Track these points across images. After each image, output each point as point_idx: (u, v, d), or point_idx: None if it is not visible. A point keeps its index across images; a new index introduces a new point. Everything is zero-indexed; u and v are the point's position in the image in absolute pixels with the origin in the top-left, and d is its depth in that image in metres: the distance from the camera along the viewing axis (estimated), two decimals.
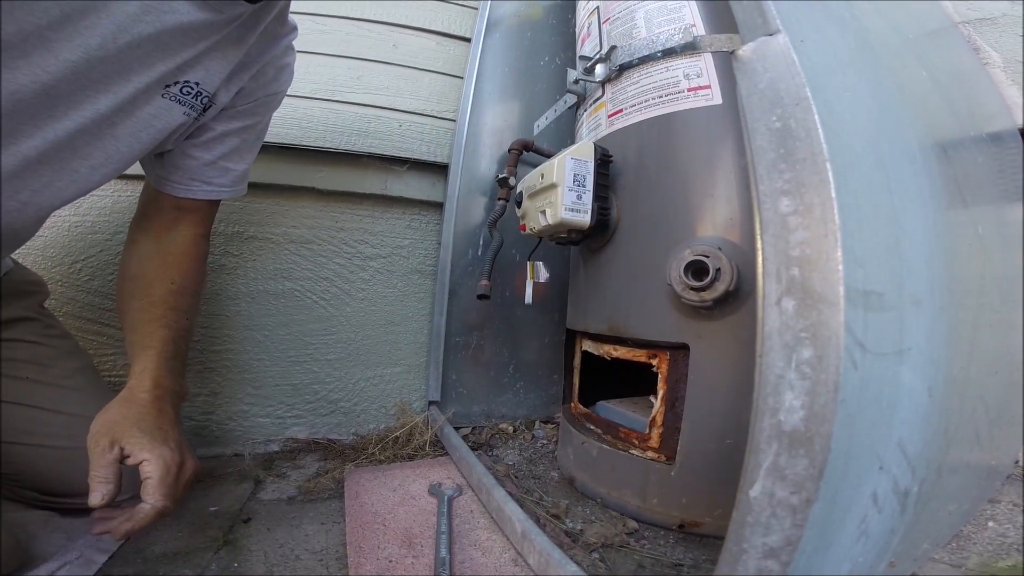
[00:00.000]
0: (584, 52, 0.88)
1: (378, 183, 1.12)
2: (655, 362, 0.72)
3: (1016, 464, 0.76)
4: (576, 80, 0.86)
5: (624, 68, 0.77)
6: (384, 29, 1.12)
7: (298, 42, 0.77)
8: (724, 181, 0.66)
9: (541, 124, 1.04)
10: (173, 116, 0.62)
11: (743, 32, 0.42)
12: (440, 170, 1.17)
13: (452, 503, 0.77)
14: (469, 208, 1.15)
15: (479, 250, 1.15)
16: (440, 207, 1.18)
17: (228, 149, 0.73)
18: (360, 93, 1.09)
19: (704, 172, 0.68)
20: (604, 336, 0.81)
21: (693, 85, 0.70)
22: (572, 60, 1.08)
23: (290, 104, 0.84)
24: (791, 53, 0.38)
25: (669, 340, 0.69)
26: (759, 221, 0.36)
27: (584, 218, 0.73)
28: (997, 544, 0.62)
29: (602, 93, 0.82)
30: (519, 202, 0.87)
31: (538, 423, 1.17)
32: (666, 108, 0.72)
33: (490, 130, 1.17)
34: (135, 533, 0.56)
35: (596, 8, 0.86)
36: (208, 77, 0.63)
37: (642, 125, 0.75)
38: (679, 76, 0.71)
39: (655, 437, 0.71)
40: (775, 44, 0.39)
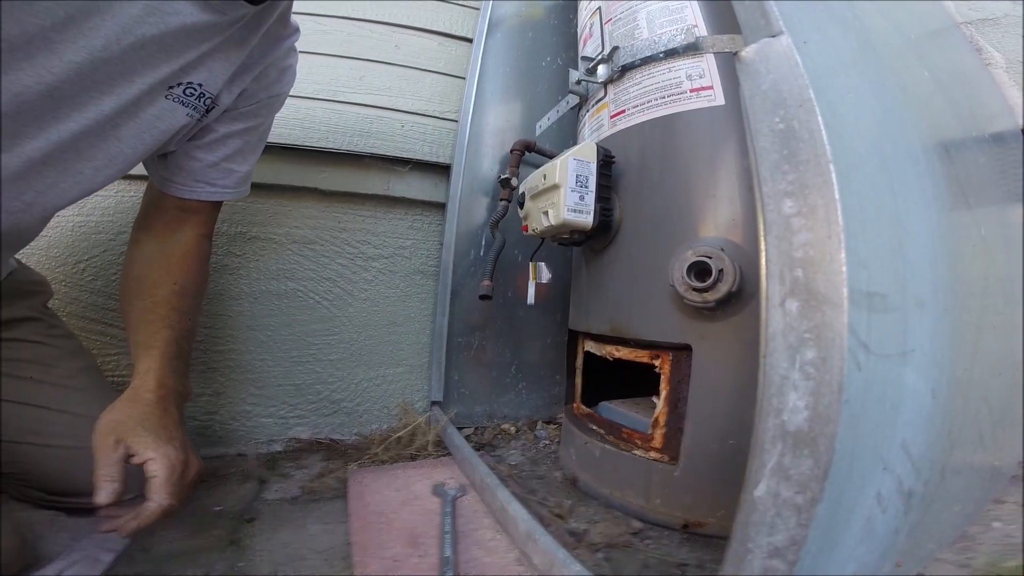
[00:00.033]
0: (586, 53, 0.88)
1: (380, 184, 1.12)
2: (658, 363, 0.72)
3: (1020, 465, 0.76)
4: (578, 81, 0.86)
5: (626, 69, 0.77)
6: (386, 29, 1.12)
7: (300, 42, 0.77)
8: (726, 182, 0.66)
9: (543, 125, 1.04)
10: (176, 117, 0.63)
11: (746, 33, 0.42)
12: (442, 171, 1.17)
13: (456, 503, 0.77)
14: (471, 209, 1.15)
15: (481, 251, 1.16)
16: (442, 208, 1.18)
17: (231, 151, 0.73)
18: (362, 93, 1.09)
19: (707, 173, 0.68)
20: (606, 337, 0.81)
21: (695, 86, 0.70)
22: (573, 60, 1.08)
23: (292, 104, 0.84)
24: (794, 54, 0.38)
25: (672, 341, 0.69)
26: (762, 222, 0.36)
27: (587, 219, 0.73)
28: (1003, 544, 0.62)
29: (604, 94, 0.82)
30: (521, 203, 0.87)
31: (540, 423, 1.17)
32: (669, 109, 0.72)
33: (492, 131, 1.17)
34: (141, 531, 0.57)
35: (598, 8, 0.86)
36: (211, 78, 0.63)
37: (645, 126, 0.75)
38: (681, 77, 0.71)
39: (658, 438, 0.71)
40: (778, 45, 0.39)
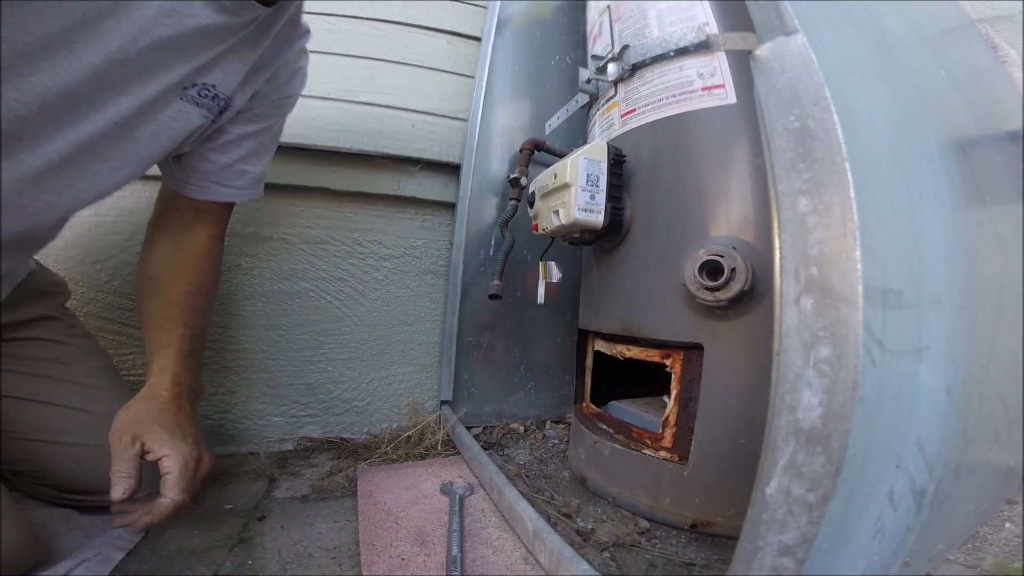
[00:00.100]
0: (596, 51, 0.88)
1: (391, 183, 1.12)
2: (668, 362, 0.72)
3: None
4: (588, 79, 0.86)
5: (637, 67, 0.77)
6: (395, 29, 1.13)
7: (311, 42, 0.77)
8: (738, 180, 0.66)
9: (553, 124, 1.04)
10: (191, 118, 0.63)
11: (760, 32, 0.41)
12: (452, 170, 1.17)
13: (464, 502, 0.77)
14: (481, 208, 1.15)
15: (491, 250, 1.16)
16: (452, 207, 1.18)
17: (245, 152, 0.74)
18: (373, 93, 1.10)
19: (718, 171, 0.68)
20: (617, 336, 0.81)
21: (707, 84, 0.70)
22: (582, 59, 1.08)
23: (304, 104, 0.85)
24: (809, 53, 0.38)
25: (683, 340, 0.69)
26: (777, 220, 0.36)
27: (597, 218, 0.73)
28: (1013, 545, 0.61)
29: (615, 92, 0.82)
30: (531, 202, 0.87)
31: (549, 423, 1.17)
32: (680, 107, 0.72)
33: (501, 130, 1.18)
34: (154, 526, 0.58)
35: (607, 7, 0.86)
36: (225, 79, 0.64)
37: (656, 124, 0.75)
38: (693, 75, 0.71)
39: (668, 437, 0.71)
40: (793, 44, 0.39)
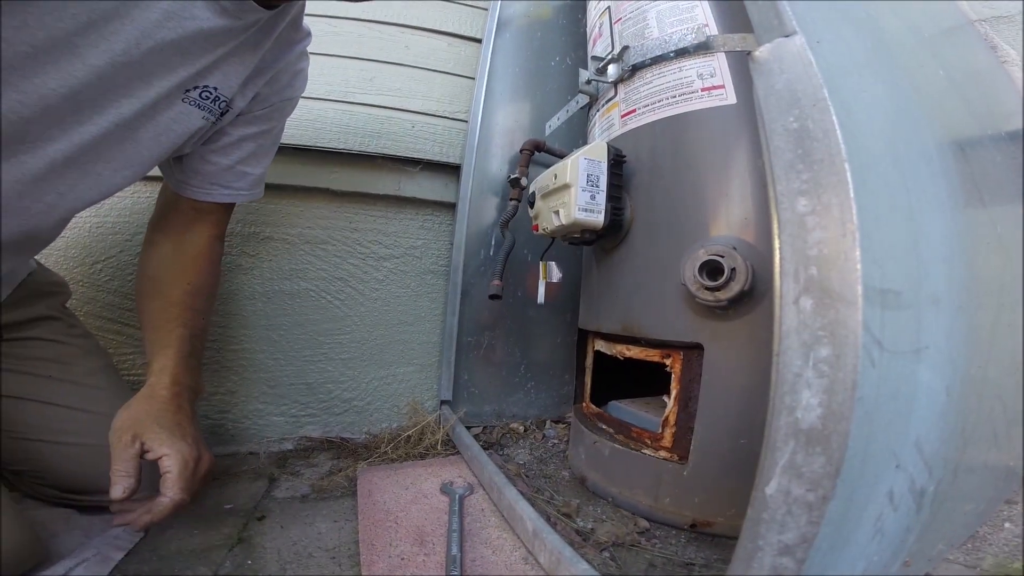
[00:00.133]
0: (596, 52, 0.88)
1: (391, 184, 1.12)
2: (668, 362, 0.72)
3: None
4: (588, 80, 0.86)
5: (637, 68, 0.77)
6: (396, 30, 1.13)
7: (311, 44, 0.78)
8: (738, 181, 0.66)
9: (553, 124, 1.04)
10: (192, 120, 0.64)
11: (759, 33, 0.42)
12: (452, 171, 1.17)
13: (464, 502, 0.77)
14: (481, 208, 1.16)
15: (491, 250, 1.16)
16: (452, 208, 1.18)
17: (245, 154, 0.74)
18: (373, 94, 1.10)
19: (718, 172, 0.68)
20: (617, 336, 0.81)
21: (707, 85, 0.70)
22: (582, 60, 1.08)
23: (304, 106, 0.85)
24: (808, 54, 0.38)
25: (683, 340, 0.69)
26: (776, 221, 0.36)
27: (597, 218, 0.74)
28: (1013, 545, 0.61)
29: (615, 93, 0.82)
30: (532, 202, 0.87)
31: (549, 423, 1.17)
32: (680, 108, 0.72)
33: (502, 130, 1.18)
34: (154, 525, 0.59)
35: (607, 8, 0.86)
36: (226, 82, 0.64)
37: (656, 125, 0.75)
38: (692, 76, 0.71)
39: (668, 437, 0.71)
40: (792, 45, 0.39)
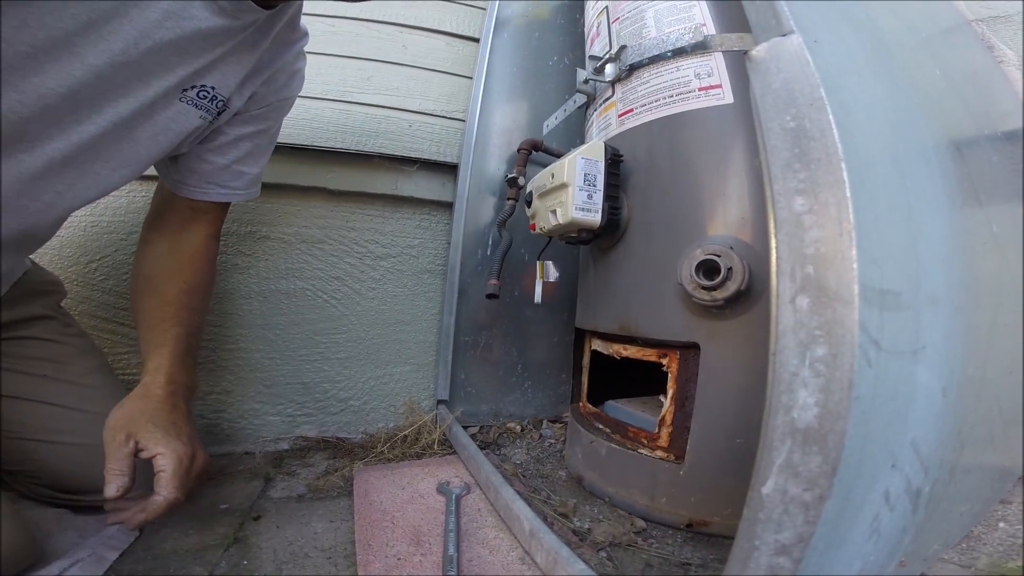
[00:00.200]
0: (594, 52, 0.88)
1: (388, 183, 1.12)
2: (665, 361, 0.72)
3: None
4: (586, 80, 0.86)
5: (634, 68, 0.77)
6: (393, 30, 1.13)
7: (309, 43, 0.77)
8: (735, 180, 0.66)
9: (550, 124, 1.04)
10: (189, 120, 0.63)
11: (756, 32, 0.42)
12: (450, 170, 1.17)
13: (460, 501, 0.77)
14: (478, 208, 1.15)
15: (488, 250, 1.16)
16: (450, 207, 1.18)
17: (242, 153, 0.74)
18: (370, 94, 1.10)
19: (715, 171, 0.68)
20: (614, 335, 0.81)
21: (704, 84, 0.70)
22: (580, 60, 1.08)
23: (301, 105, 0.84)
24: (805, 54, 0.38)
25: (680, 339, 0.69)
26: (773, 220, 0.36)
27: (595, 218, 0.73)
28: (1008, 545, 0.61)
29: (612, 93, 0.82)
30: (529, 201, 0.87)
31: (546, 422, 1.17)
32: (677, 107, 0.72)
33: (499, 130, 1.18)
34: (148, 523, 0.58)
35: (605, 8, 0.86)
36: (223, 81, 0.64)
37: (653, 125, 0.75)
38: (690, 75, 0.71)
39: (664, 436, 0.71)
40: (789, 44, 0.39)
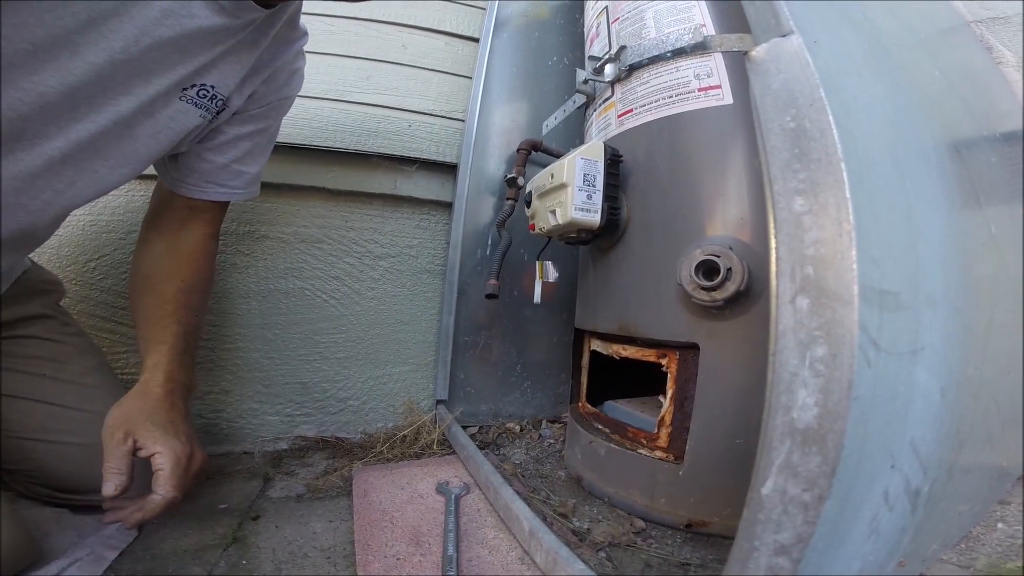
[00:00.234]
0: (593, 52, 0.88)
1: (388, 183, 1.12)
2: (664, 362, 0.72)
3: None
4: (585, 80, 0.86)
5: (634, 68, 0.77)
6: (393, 30, 1.13)
7: (308, 43, 0.77)
8: (735, 181, 0.66)
9: (550, 124, 1.04)
10: (189, 118, 0.63)
11: (756, 33, 0.42)
12: (449, 170, 1.17)
13: (459, 501, 0.77)
14: (478, 208, 1.15)
15: (487, 250, 1.16)
16: (449, 207, 1.18)
17: (241, 152, 0.74)
18: (370, 93, 1.09)
19: (715, 172, 0.68)
20: (613, 336, 0.81)
21: (704, 85, 0.70)
22: (580, 60, 1.08)
23: (301, 104, 0.84)
24: (805, 54, 0.38)
25: (679, 340, 0.69)
26: (773, 220, 0.36)
27: (594, 218, 0.73)
28: (1006, 545, 0.61)
29: (612, 93, 0.82)
30: (528, 202, 0.87)
31: (545, 422, 1.17)
32: (676, 108, 0.72)
33: (499, 130, 1.17)
34: (146, 522, 0.59)
35: (605, 8, 0.86)
36: (223, 80, 0.64)
37: (652, 125, 0.75)
38: (689, 76, 0.71)
39: (663, 437, 0.71)
40: (789, 45, 0.39)
